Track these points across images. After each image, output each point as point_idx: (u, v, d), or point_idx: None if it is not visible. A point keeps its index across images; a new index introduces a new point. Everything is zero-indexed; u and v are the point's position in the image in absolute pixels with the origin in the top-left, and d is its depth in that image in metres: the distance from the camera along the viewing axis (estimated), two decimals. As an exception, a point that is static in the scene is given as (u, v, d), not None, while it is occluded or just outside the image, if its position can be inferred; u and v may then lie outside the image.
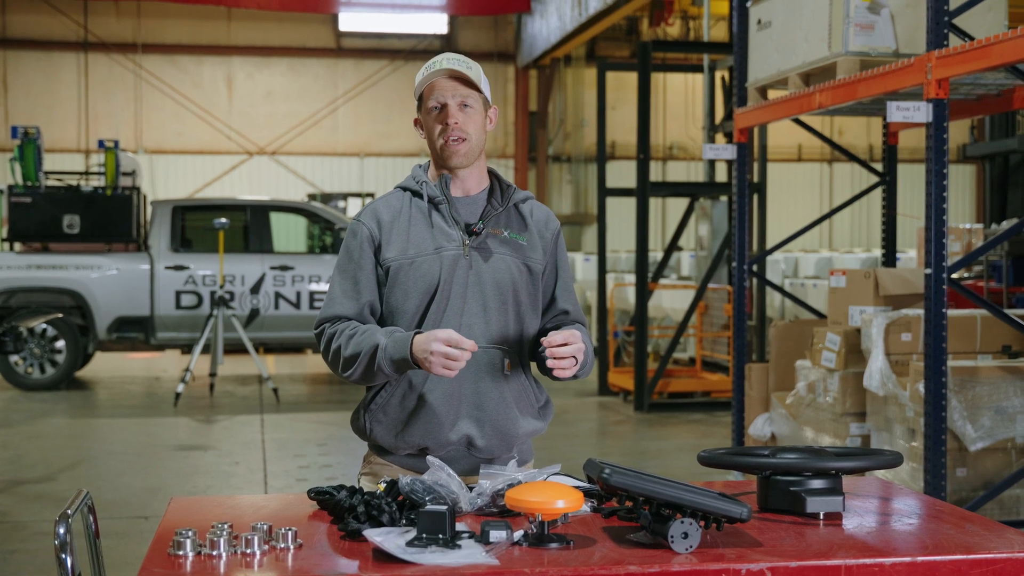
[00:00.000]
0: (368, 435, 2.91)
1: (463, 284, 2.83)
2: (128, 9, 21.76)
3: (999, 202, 10.18)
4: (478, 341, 2.80)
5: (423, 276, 2.82)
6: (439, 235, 2.85)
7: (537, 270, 2.92)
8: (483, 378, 2.84)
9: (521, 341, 2.90)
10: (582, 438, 9.79)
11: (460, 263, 2.83)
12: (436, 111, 2.86)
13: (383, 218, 2.89)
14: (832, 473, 2.50)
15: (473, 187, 2.93)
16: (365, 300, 2.86)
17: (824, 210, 23.81)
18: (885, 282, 6.68)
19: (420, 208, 2.89)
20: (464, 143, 2.85)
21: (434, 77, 2.84)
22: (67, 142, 21.54)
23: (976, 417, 5.82)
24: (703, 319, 12.24)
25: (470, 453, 2.86)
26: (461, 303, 2.83)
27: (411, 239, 2.85)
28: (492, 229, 2.88)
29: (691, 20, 22.07)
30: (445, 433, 2.82)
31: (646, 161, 10.79)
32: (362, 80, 22.75)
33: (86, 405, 11.37)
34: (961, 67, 5.33)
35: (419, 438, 2.83)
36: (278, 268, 12.19)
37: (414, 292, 2.83)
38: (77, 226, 12.11)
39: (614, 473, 2.24)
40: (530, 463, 2.99)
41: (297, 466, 8.20)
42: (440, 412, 2.82)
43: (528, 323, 2.91)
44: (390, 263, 2.85)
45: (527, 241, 2.91)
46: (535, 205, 3.00)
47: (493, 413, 2.84)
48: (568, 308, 2.99)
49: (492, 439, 2.85)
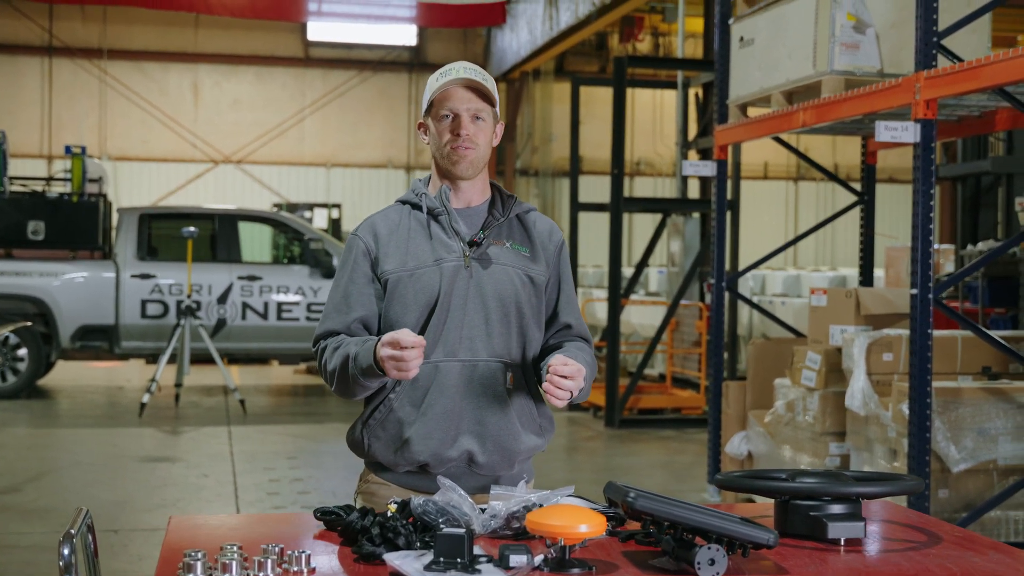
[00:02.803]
0: (366, 451, 2.83)
1: (463, 296, 2.76)
2: (94, 14, 21.52)
3: (971, 223, 10.23)
4: (479, 354, 2.75)
5: (423, 288, 2.76)
6: (439, 247, 2.78)
7: (540, 281, 2.85)
8: (485, 392, 2.76)
9: (524, 354, 2.82)
10: (553, 454, 9.72)
11: (461, 274, 2.77)
12: (448, 119, 2.79)
13: (380, 231, 2.83)
14: (853, 498, 2.45)
15: (475, 199, 2.87)
16: (355, 315, 2.79)
17: (790, 228, 23.94)
18: (866, 301, 6.67)
19: (419, 220, 2.83)
20: (472, 151, 2.79)
21: (450, 85, 2.78)
22: (29, 147, 21.25)
23: (959, 438, 5.81)
24: (674, 335, 12.22)
25: (471, 470, 2.79)
26: (462, 315, 2.76)
27: (410, 251, 2.79)
28: (494, 240, 2.82)
29: (661, 36, 22.13)
30: (446, 449, 2.75)
31: (620, 176, 10.76)
32: (330, 90, 22.64)
33: (48, 414, 11.17)
34: (950, 88, 5.33)
35: (419, 454, 2.75)
36: (246, 278, 12.05)
37: (413, 305, 2.76)
38: (42, 232, 11.92)
39: (640, 497, 2.17)
40: (531, 481, 2.92)
41: (268, 479, 8.08)
42: (441, 428, 2.74)
43: (531, 336, 2.84)
44: (388, 275, 2.78)
45: (529, 252, 2.85)
46: (538, 217, 2.94)
47: (495, 429, 2.77)
48: (571, 322, 2.93)
49: (494, 455, 2.78)
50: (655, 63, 15.74)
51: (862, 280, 7.98)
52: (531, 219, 2.91)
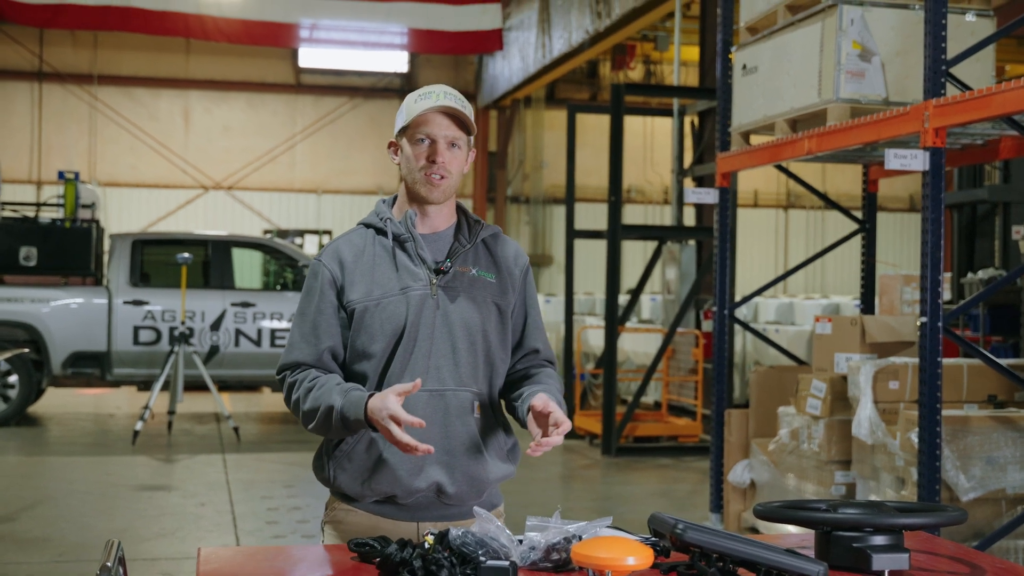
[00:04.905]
0: (332, 483, 2.78)
1: (430, 325, 2.72)
2: (85, 40, 21.50)
3: (967, 251, 10.23)
4: (446, 383, 2.72)
5: (389, 318, 2.71)
6: (405, 274, 2.74)
7: (506, 309, 2.82)
8: (452, 422, 2.73)
9: (491, 383, 2.80)
10: (550, 482, 9.67)
11: (427, 303, 2.73)
12: (424, 144, 2.75)
13: (345, 258, 2.78)
14: (897, 530, 2.42)
15: (441, 224, 2.82)
16: (325, 346, 2.75)
17: (780, 256, 23.99)
18: (871, 329, 6.65)
19: (384, 246, 2.78)
20: (445, 180, 2.75)
21: (429, 110, 2.73)
22: (19, 173, 21.17)
23: (968, 467, 5.78)
24: (669, 363, 12.19)
25: (440, 500, 2.75)
26: (429, 345, 2.72)
27: (376, 279, 2.74)
28: (460, 267, 2.78)
29: (652, 64, 22.21)
30: (414, 480, 2.70)
31: (618, 204, 10.75)
32: (321, 117, 22.64)
33: (40, 442, 11.06)
34: (960, 116, 5.33)
35: (386, 486, 2.71)
36: (239, 304, 11.98)
37: (380, 335, 2.72)
38: (34, 258, 11.84)
39: (688, 529, 2.14)
40: (500, 507, 2.87)
41: (266, 508, 8.00)
42: (408, 459, 2.69)
43: (498, 364, 2.81)
44: (354, 305, 2.74)
45: (496, 279, 2.81)
46: (503, 240, 2.89)
47: (463, 458, 2.73)
48: (538, 347, 2.90)
49: (463, 485, 2.74)
50: (652, 91, 15.79)
51: (863, 308, 7.97)
52: (497, 243, 2.87)
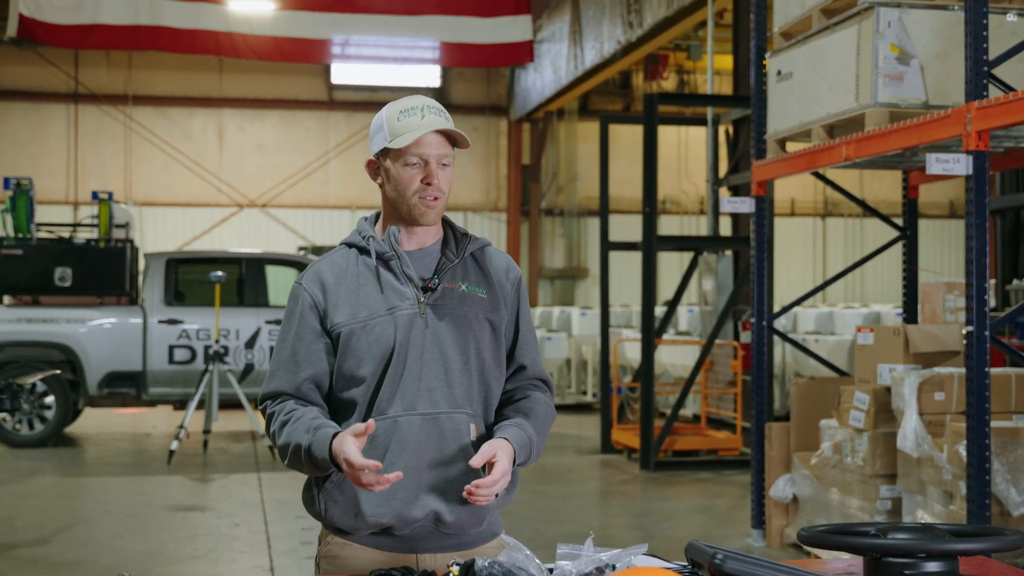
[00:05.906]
0: (323, 516, 2.64)
1: (420, 346, 2.59)
2: (119, 61, 21.62)
3: (1011, 257, 10.02)
4: (440, 406, 2.59)
5: (376, 340, 2.59)
6: (391, 294, 2.61)
7: (500, 325, 2.69)
8: (448, 446, 2.59)
9: (487, 403, 2.66)
10: (588, 498, 9.53)
11: (416, 323, 2.60)
12: (416, 166, 2.62)
13: (327, 280, 2.65)
14: (952, 556, 2.28)
15: (427, 239, 2.70)
16: (304, 375, 2.62)
17: (818, 264, 23.74)
18: (915, 339, 6.48)
19: (368, 266, 2.65)
20: (438, 201, 2.63)
21: (421, 133, 2.60)
22: (55, 194, 21.29)
23: (1019, 480, 5.60)
24: (708, 375, 12.02)
25: (438, 529, 2.61)
26: (419, 366, 2.59)
27: (361, 300, 2.61)
28: (449, 283, 2.65)
29: (686, 74, 22.06)
30: (409, 510, 2.57)
31: (653, 215, 10.62)
32: (354, 133, 22.64)
33: (76, 463, 11.05)
34: (1003, 118, 5.17)
35: (381, 517, 2.57)
36: (274, 322, 11.95)
37: (368, 358, 2.59)
38: (69, 279, 11.85)
39: (728, 559, 2.01)
40: (500, 535, 2.73)
41: (300, 528, 7.92)
42: (403, 487, 2.56)
43: (493, 383, 2.68)
44: (340, 328, 2.61)
45: (487, 294, 2.68)
46: (494, 252, 2.76)
47: (461, 485, 2.56)
48: (526, 363, 2.75)
49: (462, 514, 2.61)
50: (685, 100, 15.66)
51: (906, 317, 7.79)
52: (487, 256, 2.74)
